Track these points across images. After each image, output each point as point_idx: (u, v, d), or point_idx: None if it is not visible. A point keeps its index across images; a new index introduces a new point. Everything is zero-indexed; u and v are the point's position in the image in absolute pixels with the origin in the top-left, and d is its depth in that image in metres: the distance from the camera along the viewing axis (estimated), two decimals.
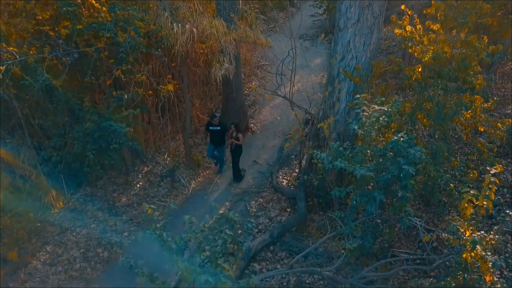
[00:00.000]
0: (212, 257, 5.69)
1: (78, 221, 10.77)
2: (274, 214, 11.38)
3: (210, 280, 5.45)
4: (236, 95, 13.90)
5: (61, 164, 9.83)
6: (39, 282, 9.41)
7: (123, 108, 9.83)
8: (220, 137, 12.37)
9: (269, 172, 12.94)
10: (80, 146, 9.32)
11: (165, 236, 5.63)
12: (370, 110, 8.24)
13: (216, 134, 12.32)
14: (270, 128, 15.06)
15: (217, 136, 12.36)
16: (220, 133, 12.28)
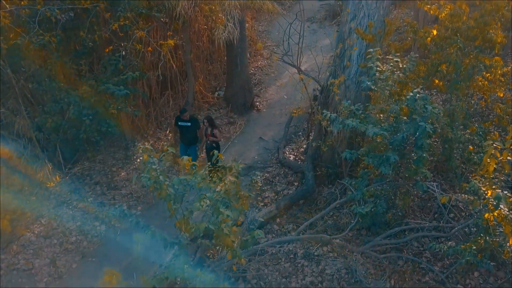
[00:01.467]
0: (214, 204, 5.17)
1: (75, 195, 10.31)
2: (281, 188, 10.87)
3: (210, 228, 4.94)
4: (241, 69, 13.40)
5: (57, 132, 9.32)
6: (32, 254, 8.95)
7: (121, 72, 9.33)
8: (191, 134, 10.79)
9: (275, 148, 12.42)
10: (76, 112, 8.84)
11: (162, 179, 5.09)
12: (384, 67, 7.70)
13: (187, 130, 10.73)
14: (276, 106, 14.56)
15: (188, 133, 10.76)
16: (191, 129, 10.70)
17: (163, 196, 5.20)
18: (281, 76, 16.21)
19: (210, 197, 5.19)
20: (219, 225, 5.15)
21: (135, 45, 9.65)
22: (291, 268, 8.63)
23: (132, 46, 9.64)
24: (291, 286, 8.30)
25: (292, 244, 9.17)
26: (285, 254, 8.96)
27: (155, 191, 5.28)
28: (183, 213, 5.21)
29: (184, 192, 5.36)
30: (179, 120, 10.62)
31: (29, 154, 10.43)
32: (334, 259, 8.72)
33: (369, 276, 8.23)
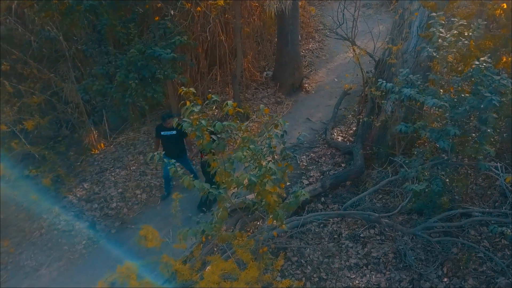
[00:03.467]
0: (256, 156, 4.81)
1: (118, 163, 10.26)
2: (327, 168, 10.39)
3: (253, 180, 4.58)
4: (291, 48, 12.97)
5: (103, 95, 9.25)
6: (73, 216, 8.96)
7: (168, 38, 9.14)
8: (177, 145, 8.97)
9: (323, 129, 11.94)
10: (122, 75, 8.72)
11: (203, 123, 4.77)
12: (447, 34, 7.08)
13: (172, 141, 8.87)
14: (326, 89, 14.06)
15: (173, 144, 8.92)
16: (177, 139, 8.88)
17: (204, 145, 4.89)
18: (333, 59, 15.76)
19: (253, 148, 4.84)
20: (261, 179, 4.79)
21: (184, 4, 9.42)
22: (334, 249, 8.20)
23: (182, 5, 9.37)
24: (334, 266, 7.87)
25: (337, 224, 8.74)
26: (329, 234, 8.54)
27: (196, 139, 4.97)
28: (224, 164, 4.89)
29: (225, 146, 5.03)
30: (161, 129, 8.88)
31: (76, 120, 10.51)
32: (381, 242, 8.22)
33: (419, 263, 7.68)
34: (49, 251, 8.35)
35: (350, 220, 8.70)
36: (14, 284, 7.76)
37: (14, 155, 8.54)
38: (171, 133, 8.77)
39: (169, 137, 8.83)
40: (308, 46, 16.32)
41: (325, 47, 16.56)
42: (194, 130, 4.82)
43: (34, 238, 8.57)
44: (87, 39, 9.80)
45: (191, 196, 8.94)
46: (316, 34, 17.34)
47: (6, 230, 8.78)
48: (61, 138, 10.41)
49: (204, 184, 4.93)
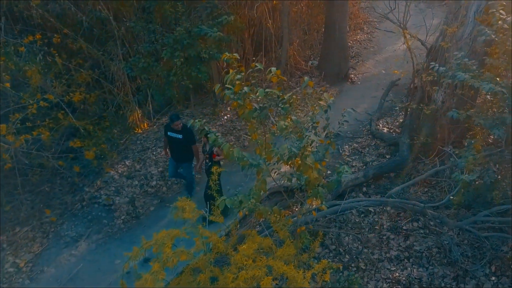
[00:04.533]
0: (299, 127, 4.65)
1: (160, 142, 10.30)
2: (370, 159, 10.08)
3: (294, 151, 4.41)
4: (339, 36, 12.67)
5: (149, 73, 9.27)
6: (113, 191, 9.07)
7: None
8: (182, 149, 8.47)
9: (368, 120, 11.61)
10: (168, 53, 8.74)
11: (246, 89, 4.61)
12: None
13: (177, 144, 8.44)
14: (373, 80, 13.70)
15: (179, 147, 8.48)
16: (183, 143, 8.38)
17: (246, 115, 4.76)
18: (381, 51, 15.37)
19: (296, 120, 4.68)
20: (303, 151, 4.62)
21: None
22: (374, 240, 7.92)
23: None
24: (374, 257, 7.59)
25: (378, 215, 8.44)
26: (369, 225, 8.26)
27: (238, 108, 4.85)
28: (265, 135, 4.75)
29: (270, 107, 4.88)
30: (168, 129, 8.41)
31: (121, 99, 10.65)
32: (425, 236, 7.86)
33: (465, 259, 7.29)
34: (89, 223, 8.48)
35: (393, 212, 8.39)
36: (54, 253, 7.93)
37: (60, 127, 8.71)
38: (176, 136, 8.30)
39: (174, 139, 8.37)
40: (356, 37, 15.99)
41: (374, 39, 16.19)
42: (236, 98, 4.70)
43: (76, 210, 8.74)
44: (136, 18, 9.89)
45: (231, 171, 8.99)
46: (365, 26, 16.96)
47: (50, 202, 8.99)
48: (106, 115, 10.58)
49: (243, 154, 4.81)
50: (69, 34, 9.80)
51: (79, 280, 7.51)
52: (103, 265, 7.74)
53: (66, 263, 7.77)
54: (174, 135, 8.30)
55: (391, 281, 7.20)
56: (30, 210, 8.80)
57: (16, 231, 8.45)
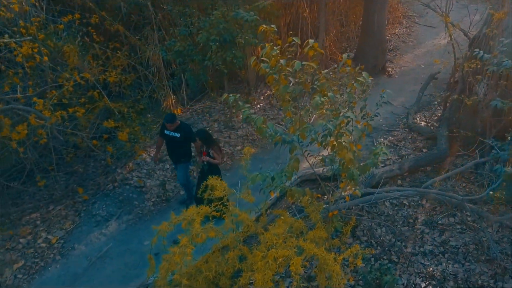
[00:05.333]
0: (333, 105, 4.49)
1: (193, 128, 10.28)
2: (406, 152, 9.80)
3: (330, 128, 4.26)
4: (377, 28, 12.39)
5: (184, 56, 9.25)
6: (145, 173, 9.14)
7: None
8: (178, 149, 7.99)
9: (404, 114, 11.31)
10: (204, 37, 8.70)
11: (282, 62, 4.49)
12: None
13: (173, 143, 7.94)
14: (411, 74, 13.37)
15: (174, 147, 7.98)
16: (180, 143, 7.88)
17: (280, 90, 4.64)
18: (420, 46, 15.01)
19: (332, 96, 4.53)
20: (338, 129, 4.46)
21: None
22: (408, 233, 7.67)
23: None
24: (407, 250, 7.35)
25: (413, 208, 8.19)
26: (403, 218, 8.01)
27: (273, 84, 4.73)
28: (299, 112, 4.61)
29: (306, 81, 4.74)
30: (165, 127, 7.86)
31: (156, 83, 10.70)
32: (462, 231, 7.56)
33: (505, 257, 6.96)
34: (120, 204, 8.54)
35: (428, 206, 8.14)
36: (86, 231, 8.02)
37: (95, 108, 8.79)
38: (174, 134, 7.81)
39: (171, 138, 7.86)
40: (394, 31, 15.68)
41: (413, 33, 15.84)
42: (272, 72, 4.58)
43: (108, 190, 8.81)
44: (173, 3, 9.90)
45: (263, 151, 9.01)
46: (404, 20, 16.60)
47: (83, 183, 9.10)
48: (140, 98, 10.64)
49: (277, 129, 4.69)
50: (107, 18, 9.90)
51: (108, 259, 7.57)
52: (132, 246, 7.77)
53: (97, 242, 7.84)
54: (172, 134, 7.83)
55: (424, 275, 6.95)
56: (64, 189, 8.93)
57: (49, 209, 8.59)
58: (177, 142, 7.85)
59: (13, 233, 7.94)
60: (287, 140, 4.62)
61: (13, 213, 8.49)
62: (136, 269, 7.33)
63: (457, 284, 6.72)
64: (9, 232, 7.92)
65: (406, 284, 6.80)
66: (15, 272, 7.37)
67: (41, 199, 8.83)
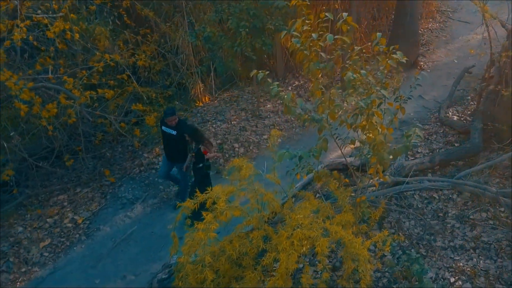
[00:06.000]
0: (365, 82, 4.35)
1: (220, 116, 10.30)
2: (437, 146, 9.54)
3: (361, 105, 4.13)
4: (410, 20, 12.10)
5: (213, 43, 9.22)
6: None
7: None
8: (174, 147, 7.61)
9: (436, 108, 11.03)
10: (234, 22, 8.64)
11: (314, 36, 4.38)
12: None
13: (170, 141, 7.59)
14: (443, 69, 13.04)
15: (171, 144, 7.63)
16: (175, 141, 7.48)
17: (311, 67, 4.52)
18: (454, 41, 14.61)
19: (364, 73, 4.39)
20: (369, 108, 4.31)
21: None
22: (438, 227, 7.44)
23: None
24: (436, 244, 7.13)
25: (443, 202, 7.95)
26: (433, 211, 7.79)
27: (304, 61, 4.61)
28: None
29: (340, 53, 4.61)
30: (163, 123, 7.55)
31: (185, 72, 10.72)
32: (495, 227, 7.29)
33: None
34: (146, 187, 8.58)
35: (459, 200, 7.90)
36: (111, 213, 8.08)
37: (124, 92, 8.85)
38: (170, 132, 7.45)
39: (168, 135, 7.50)
40: (427, 25, 15.35)
41: (447, 28, 15.45)
42: (303, 48, 4.46)
43: (134, 174, 8.87)
44: None
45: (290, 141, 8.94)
46: (437, 15, 16.22)
47: (111, 167, 9.18)
48: (169, 84, 10.68)
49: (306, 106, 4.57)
50: (138, 4, 9.96)
51: (132, 241, 7.61)
52: (156, 229, 7.79)
53: (121, 224, 7.89)
54: (168, 131, 7.46)
55: (454, 270, 6.73)
56: (91, 173, 9.03)
57: (77, 191, 8.70)
58: (173, 140, 7.48)
59: (41, 212, 8.06)
60: (315, 118, 4.49)
61: (41, 194, 8.64)
62: (160, 252, 7.34)
63: (488, 280, 6.47)
64: (37, 211, 8.04)
65: (434, 278, 6.59)
66: (41, 250, 7.48)
67: (68, 182, 8.95)
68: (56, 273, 7.13)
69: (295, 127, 10.19)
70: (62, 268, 7.20)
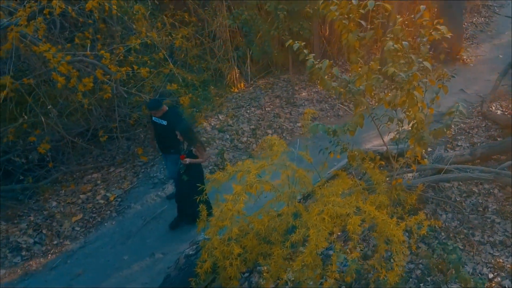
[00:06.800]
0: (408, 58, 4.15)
1: (254, 102, 10.24)
2: (478, 140, 9.18)
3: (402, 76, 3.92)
4: (454, 12, 11.72)
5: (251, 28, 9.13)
6: (204, 141, 9.09)
7: None
8: (167, 139, 7.09)
9: (479, 102, 10.61)
10: (272, 5, 8.53)
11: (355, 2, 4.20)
12: None
13: (162, 133, 7.14)
14: (487, 64, 12.59)
15: (161, 135, 7.20)
16: (167, 132, 6.95)
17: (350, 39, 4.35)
18: (499, 36, 14.11)
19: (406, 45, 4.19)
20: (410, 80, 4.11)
21: None
22: (476, 221, 7.11)
23: None
24: (474, 239, 6.81)
25: (483, 196, 7.59)
26: (472, 206, 7.45)
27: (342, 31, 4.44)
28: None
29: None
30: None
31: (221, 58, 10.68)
32: None
33: None
34: None
35: (501, 195, 7.53)
36: (142, 192, 8.11)
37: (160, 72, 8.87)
38: (161, 122, 6.97)
39: (158, 126, 7.04)
40: (472, 20, 14.90)
41: (492, 23, 14.97)
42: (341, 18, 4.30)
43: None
44: None
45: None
46: (483, 9, 15.67)
47: (144, 148, 9.22)
48: (205, 68, 10.67)
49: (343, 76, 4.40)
50: None
51: (162, 220, 7.61)
52: None
53: (152, 203, 7.91)
54: (159, 121, 7.00)
55: (493, 266, 6.40)
56: (125, 153, 9.10)
57: (110, 171, 8.78)
58: (164, 131, 7.03)
59: (74, 187, 8.18)
60: (352, 90, 4.31)
61: (76, 172, 8.77)
62: (189, 233, 7.30)
63: None
64: (71, 186, 8.15)
65: (471, 273, 6.29)
66: (73, 224, 7.58)
67: (103, 161, 9.06)
68: (86, 247, 7.21)
69: (329, 116, 10.01)
70: (92, 243, 7.27)
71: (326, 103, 10.43)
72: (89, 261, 6.93)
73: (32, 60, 7.61)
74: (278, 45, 10.07)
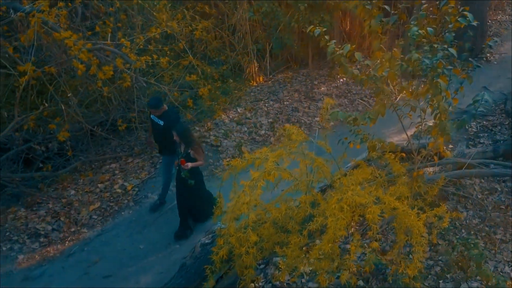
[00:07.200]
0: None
1: (273, 96, 10.21)
2: (501, 138, 8.97)
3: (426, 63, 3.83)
4: (477, 8, 11.45)
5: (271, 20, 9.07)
6: (222, 134, 9.11)
7: None
8: (162, 139, 7.05)
9: (502, 99, 10.38)
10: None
11: None
12: None
13: (157, 132, 7.10)
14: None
15: (158, 134, 7.14)
16: (163, 133, 6.89)
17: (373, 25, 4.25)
18: None
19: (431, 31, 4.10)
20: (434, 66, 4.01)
21: None
22: (498, 219, 6.94)
23: None
24: (496, 237, 6.65)
25: (506, 194, 7.40)
26: (494, 203, 7.27)
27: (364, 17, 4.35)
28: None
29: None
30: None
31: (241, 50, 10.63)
32: None
33: None
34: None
35: None
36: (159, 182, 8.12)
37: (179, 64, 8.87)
38: (157, 121, 6.91)
39: (155, 124, 6.98)
40: (496, 17, 14.61)
41: None
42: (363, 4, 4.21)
43: None
44: None
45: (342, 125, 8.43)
46: (508, 7, 15.36)
47: None
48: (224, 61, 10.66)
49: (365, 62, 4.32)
50: None
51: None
52: None
53: (169, 193, 7.88)
54: (156, 120, 6.93)
55: None
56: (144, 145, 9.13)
57: (128, 161, 8.82)
58: (160, 130, 6.98)
59: (92, 176, 8.23)
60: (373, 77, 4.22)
61: (95, 161, 8.83)
62: (204, 225, 7.29)
63: None
64: (89, 175, 8.21)
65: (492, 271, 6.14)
66: (91, 212, 7.63)
67: (121, 152, 9.11)
68: (103, 235, 7.26)
69: (349, 111, 9.89)
70: (109, 231, 7.32)
71: (346, 98, 10.33)
72: (106, 249, 6.98)
73: (53, 50, 7.68)
74: (298, 40, 9.99)
